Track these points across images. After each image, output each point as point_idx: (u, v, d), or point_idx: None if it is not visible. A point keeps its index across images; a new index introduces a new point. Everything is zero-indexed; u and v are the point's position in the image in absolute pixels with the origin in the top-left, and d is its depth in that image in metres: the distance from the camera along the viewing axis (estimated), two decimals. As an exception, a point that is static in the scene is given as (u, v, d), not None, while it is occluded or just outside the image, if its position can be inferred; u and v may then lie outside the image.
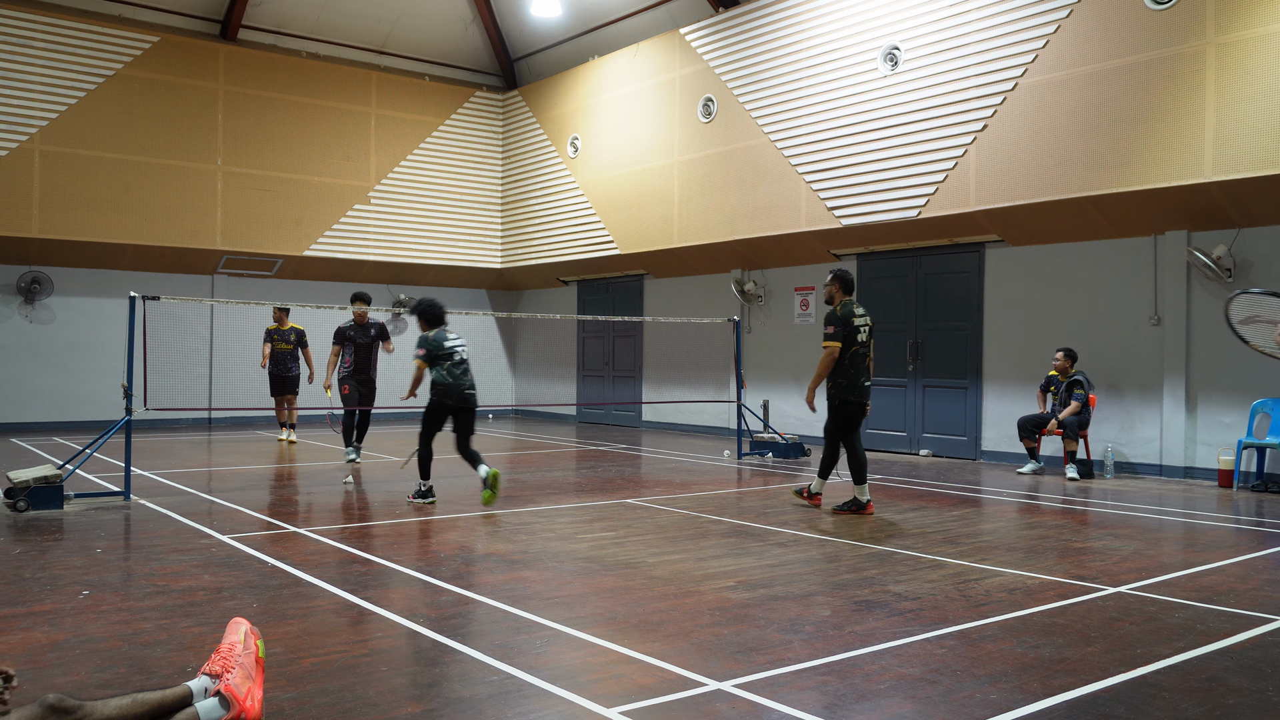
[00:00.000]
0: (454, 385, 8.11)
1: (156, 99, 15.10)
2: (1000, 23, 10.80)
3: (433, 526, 7.05)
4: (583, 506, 8.01)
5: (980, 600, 4.97)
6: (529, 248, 18.11)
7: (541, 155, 17.83)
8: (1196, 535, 7.11)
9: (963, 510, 8.04)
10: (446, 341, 8.26)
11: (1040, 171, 10.44)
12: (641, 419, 17.07)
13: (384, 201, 17.41)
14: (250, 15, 16.25)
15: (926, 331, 12.52)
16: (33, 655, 3.92)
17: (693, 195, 14.60)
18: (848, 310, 7.77)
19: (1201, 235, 10.00)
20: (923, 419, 12.57)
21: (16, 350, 14.71)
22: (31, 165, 14.10)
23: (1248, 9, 9.00)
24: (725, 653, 4.03)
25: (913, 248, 12.58)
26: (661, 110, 15.17)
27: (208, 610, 4.63)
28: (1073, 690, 3.62)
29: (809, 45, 12.85)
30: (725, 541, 6.54)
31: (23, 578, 5.28)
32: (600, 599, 4.95)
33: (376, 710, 3.35)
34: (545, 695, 3.52)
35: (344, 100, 16.96)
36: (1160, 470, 10.32)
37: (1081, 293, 10.96)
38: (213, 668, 3.15)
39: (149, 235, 14.97)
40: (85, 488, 8.45)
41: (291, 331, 13.32)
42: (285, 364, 13.26)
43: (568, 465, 11.23)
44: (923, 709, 3.42)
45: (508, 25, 18.31)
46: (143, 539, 6.46)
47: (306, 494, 8.97)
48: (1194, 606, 4.89)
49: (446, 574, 5.45)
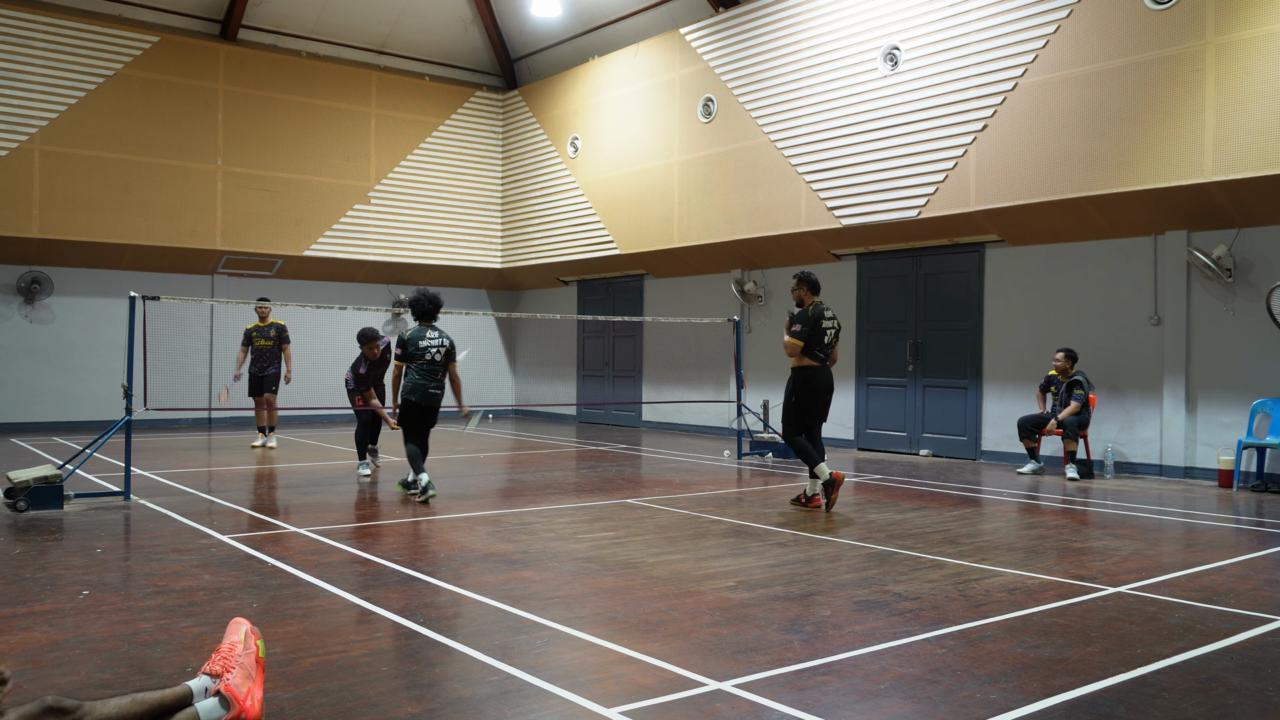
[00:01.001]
0: (419, 384, 8.38)
1: (156, 99, 15.10)
2: (1000, 23, 10.80)
3: (433, 526, 7.05)
4: (583, 506, 8.01)
5: (980, 600, 4.97)
6: (529, 248, 18.11)
7: (541, 155, 17.83)
8: (1196, 535, 7.11)
9: (963, 510, 8.04)
10: (422, 341, 8.41)
11: (1040, 171, 10.44)
12: (641, 419, 17.07)
13: (384, 201, 17.41)
14: (250, 15, 16.25)
15: (926, 331, 12.52)
16: (33, 655, 3.92)
17: (693, 195, 14.60)
18: (818, 311, 7.99)
19: (1201, 235, 10.00)
20: (922, 419, 12.57)
21: (16, 350, 14.71)
22: (31, 165, 14.10)
23: (1248, 9, 9.00)
24: (725, 653, 4.03)
25: (913, 248, 12.58)
26: (661, 110, 15.17)
27: (208, 610, 4.63)
28: (1073, 690, 3.62)
29: (809, 45, 12.85)
30: (725, 541, 6.54)
31: (23, 578, 5.28)
32: (600, 599, 4.95)
33: (376, 710, 3.35)
34: (545, 695, 3.52)
35: (344, 100, 16.96)
36: (1160, 470, 10.32)
37: (1081, 293, 10.96)
38: (213, 668, 3.15)
39: (149, 235, 14.97)
40: (85, 488, 8.45)
41: (272, 327, 12.55)
42: (264, 362, 12.50)
43: (568, 465, 11.23)
44: (923, 709, 3.42)
45: (508, 25, 18.31)
46: (143, 539, 6.46)
47: (307, 494, 8.96)
48: (1194, 606, 4.89)
49: (446, 574, 5.45)
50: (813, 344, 7.93)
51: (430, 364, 8.38)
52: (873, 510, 7.88)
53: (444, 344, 8.52)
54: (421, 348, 8.35)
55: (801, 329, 7.90)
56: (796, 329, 7.91)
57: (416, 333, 8.42)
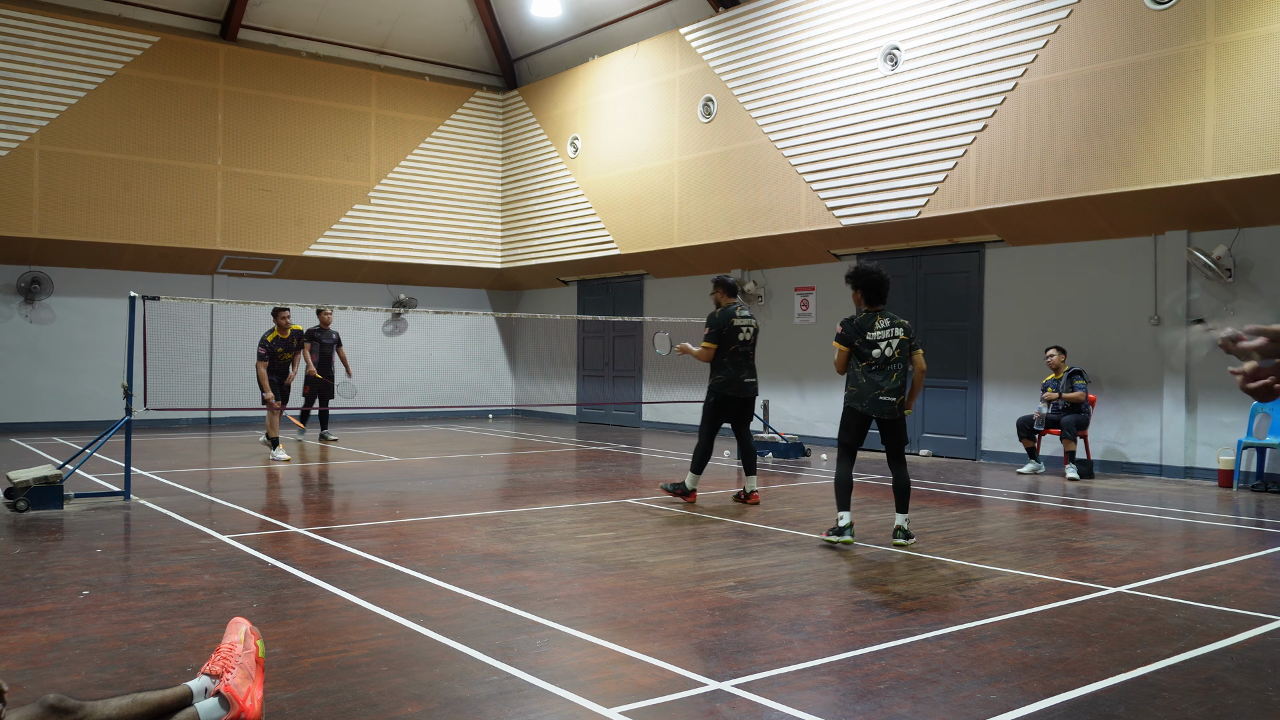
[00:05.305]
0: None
1: (156, 99, 15.10)
2: (1000, 23, 10.80)
3: (433, 526, 7.05)
4: (583, 506, 8.01)
5: (980, 600, 4.97)
6: (529, 248, 18.11)
7: (541, 155, 17.83)
8: (1196, 535, 7.11)
9: (963, 510, 8.04)
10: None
11: (1040, 171, 10.44)
12: (641, 419, 17.07)
13: (384, 201, 17.41)
14: (250, 15, 16.25)
15: (926, 331, 12.52)
16: (33, 655, 3.92)
17: (693, 195, 14.60)
18: (728, 312, 8.12)
19: (1201, 235, 10.00)
20: (923, 419, 12.58)
21: (16, 350, 14.71)
22: (31, 165, 14.10)
23: (1248, 9, 9.00)
24: (725, 653, 4.03)
25: (913, 248, 12.58)
26: (661, 110, 15.17)
27: (208, 610, 4.63)
28: (1073, 690, 3.62)
29: (809, 45, 12.85)
30: (725, 541, 6.54)
31: (23, 578, 5.28)
32: (600, 599, 4.95)
33: (376, 710, 3.35)
34: (545, 695, 3.52)
35: (344, 100, 16.96)
36: (1160, 470, 10.32)
37: (1082, 293, 10.96)
38: (213, 668, 3.15)
39: (149, 235, 14.97)
40: (85, 488, 8.45)
41: (294, 336, 12.13)
42: (284, 372, 12.07)
43: (568, 465, 11.23)
44: (923, 709, 3.42)
45: (508, 25, 18.31)
46: (143, 539, 6.46)
47: (307, 494, 8.97)
48: (1194, 606, 4.89)
49: (446, 574, 5.45)
50: (727, 343, 8.04)
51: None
52: (873, 510, 7.88)
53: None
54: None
55: (711, 331, 8.06)
56: (707, 331, 8.11)
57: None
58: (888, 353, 6.46)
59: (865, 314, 6.58)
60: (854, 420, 6.53)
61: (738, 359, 8.12)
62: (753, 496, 8.25)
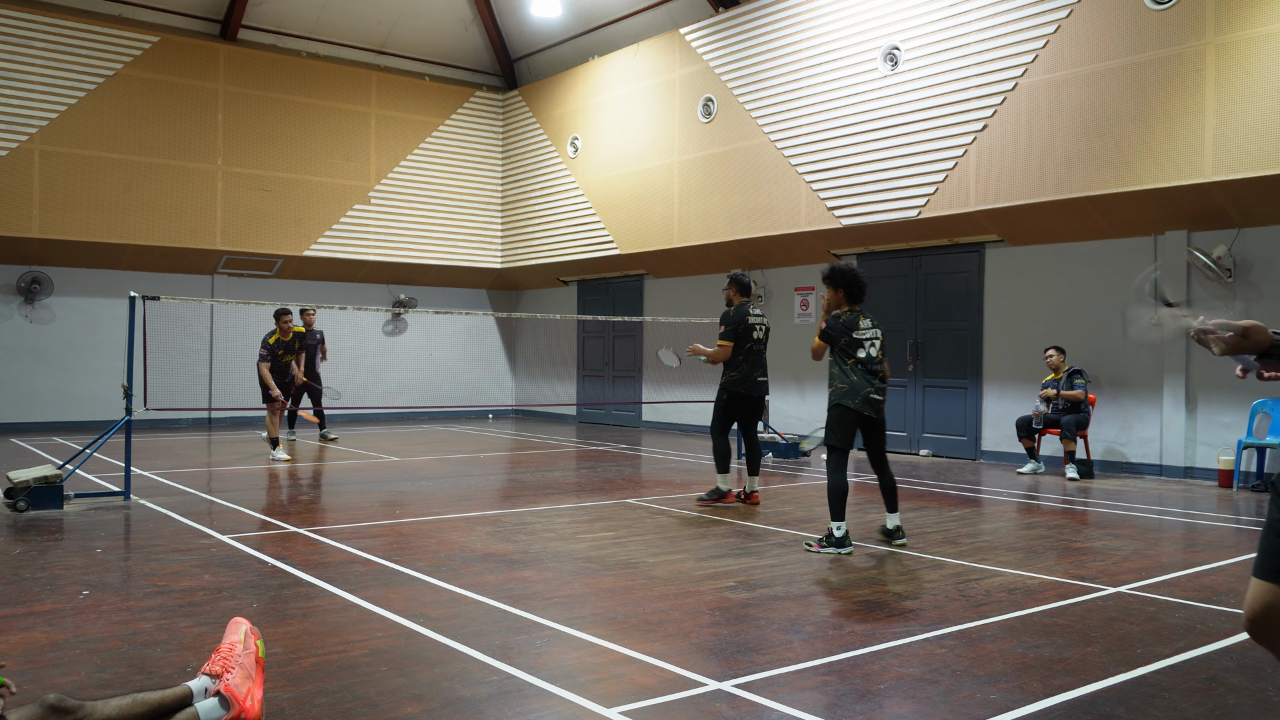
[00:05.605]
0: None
1: (156, 99, 15.10)
2: (1000, 23, 10.80)
3: (433, 526, 7.05)
4: (583, 506, 8.01)
5: (980, 600, 4.97)
6: (529, 248, 18.11)
7: (541, 155, 17.83)
8: (1196, 535, 7.11)
9: (963, 510, 8.04)
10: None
11: (1040, 171, 10.44)
12: (641, 419, 17.07)
13: (384, 201, 17.41)
14: (250, 15, 16.25)
15: (926, 331, 12.52)
16: (33, 655, 3.92)
17: (693, 195, 14.60)
18: (742, 310, 8.12)
19: (1201, 235, 10.00)
20: (922, 419, 12.58)
21: (16, 350, 14.71)
22: (31, 165, 14.09)
23: (1248, 9, 9.00)
24: (725, 653, 4.03)
25: (913, 248, 12.58)
26: (661, 110, 15.17)
27: (208, 610, 4.63)
28: (1073, 690, 3.62)
29: (809, 45, 12.85)
30: (725, 541, 6.54)
31: (23, 578, 5.28)
32: (600, 599, 4.95)
33: (376, 710, 3.35)
34: (545, 695, 3.52)
35: (344, 100, 16.95)
36: (1160, 470, 10.32)
37: (1082, 293, 10.96)
38: (213, 668, 3.15)
39: (149, 235, 14.97)
40: (85, 488, 8.45)
41: (296, 338, 12.00)
42: (285, 373, 12.07)
43: (568, 465, 11.23)
44: (923, 709, 3.42)
45: (508, 25, 18.31)
46: (143, 539, 6.46)
47: (307, 494, 8.97)
48: (1194, 606, 4.89)
49: (446, 574, 5.45)
50: (743, 341, 8.05)
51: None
52: (873, 510, 7.88)
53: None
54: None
55: (727, 329, 8.06)
56: (722, 329, 8.10)
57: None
58: (872, 352, 6.50)
59: (850, 313, 6.60)
60: (846, 417, 6.49)
61: (751, 357, 8.14)
62: (753, 496, 8.27)
